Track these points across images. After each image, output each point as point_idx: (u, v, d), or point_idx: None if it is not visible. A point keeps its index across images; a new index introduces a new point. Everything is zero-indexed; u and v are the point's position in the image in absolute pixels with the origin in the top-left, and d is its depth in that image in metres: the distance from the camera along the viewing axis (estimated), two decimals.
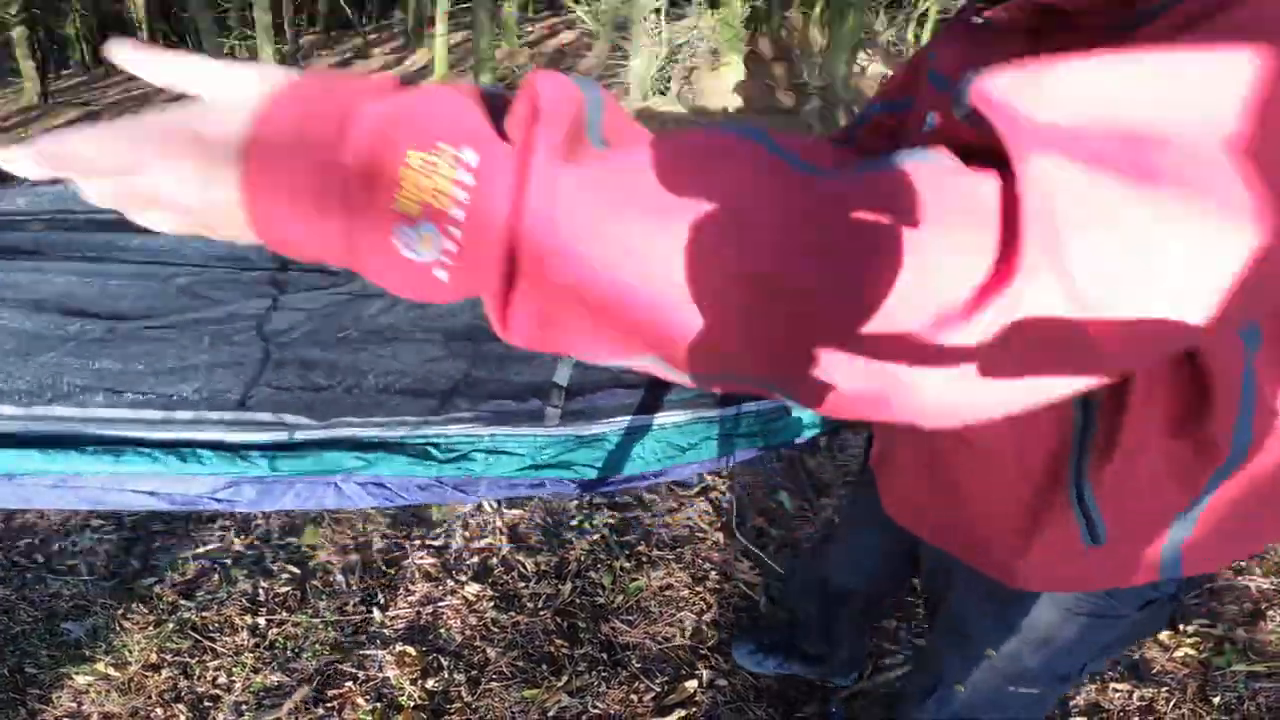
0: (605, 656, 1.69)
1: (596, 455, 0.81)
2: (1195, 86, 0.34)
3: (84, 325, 0.68)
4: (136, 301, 0.70)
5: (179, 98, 0.40)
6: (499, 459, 0.78)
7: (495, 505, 2.08)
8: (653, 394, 0.83)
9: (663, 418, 0.83)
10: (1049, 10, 0.53)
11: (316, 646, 1.70)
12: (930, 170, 0.34)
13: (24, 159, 0.39)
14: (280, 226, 0.36)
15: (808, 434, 0.93)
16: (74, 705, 1.56)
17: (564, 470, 0.80)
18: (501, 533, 2.01)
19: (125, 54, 0.40)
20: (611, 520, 2.06)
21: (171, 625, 1.73)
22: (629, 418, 0.82)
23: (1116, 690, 1.60)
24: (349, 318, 0.73)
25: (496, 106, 0.37)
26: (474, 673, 1.65)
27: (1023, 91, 0.34)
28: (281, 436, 0.73)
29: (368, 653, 1.68)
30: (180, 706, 1.56)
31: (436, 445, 0.76)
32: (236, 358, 0.70)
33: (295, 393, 0.72)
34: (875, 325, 0.32)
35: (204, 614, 1.77)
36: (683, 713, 1.56)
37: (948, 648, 0.99)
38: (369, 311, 0.74)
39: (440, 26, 10.43)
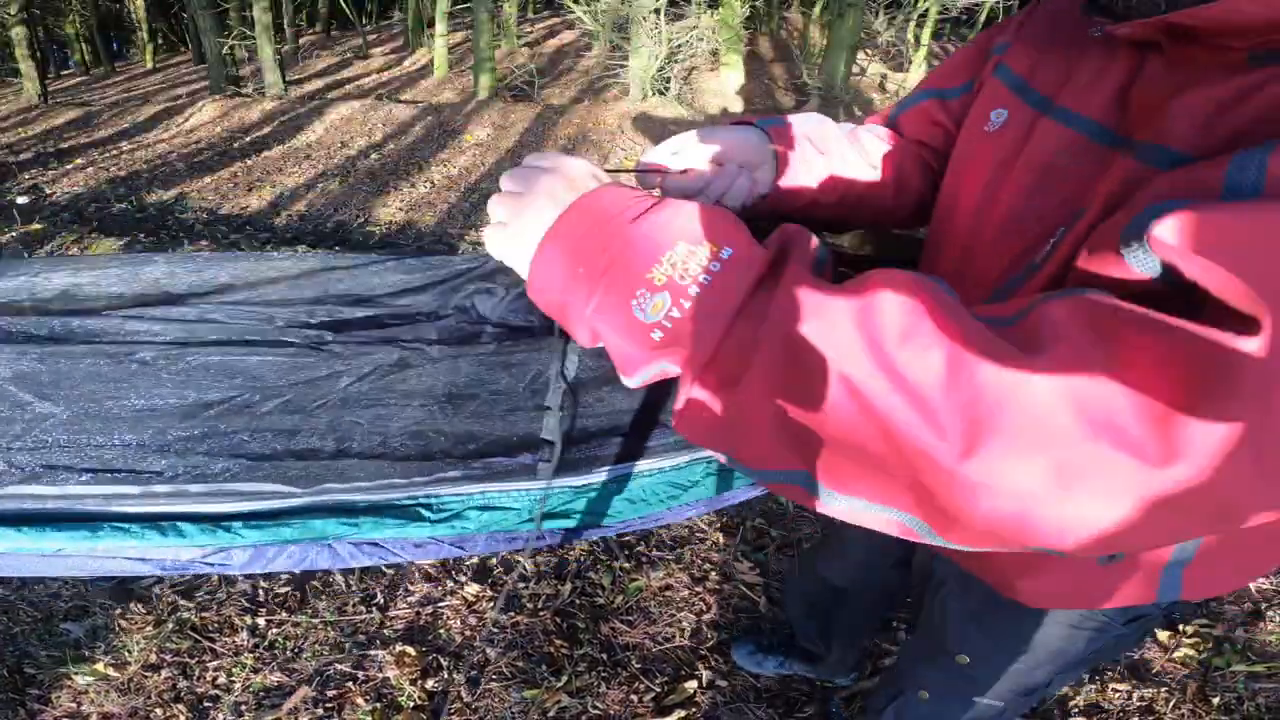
0: (605, 657, 1.69)
1: (596, 503, 0.80)
2: None
3: (50, 406, 0.67)
4: (102, 381, 0.68)
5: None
6: (494, 514, 0.76)
7: None
8: (649, 438, 0.82)
9: (661, 460, 0.82)
10: (1178, 29, 0.49)
11: (316, 647, 1.70)
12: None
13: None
14: (549, 263, 0.46)
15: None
16: (73, 705, 1.56)
17: (564, 520, 0.79)
18: None
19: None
20: None
21: (171, 625, 1.73)
22: (627, 464, 0.80)
23: (1116, 690, 1.60)
24: (323, 390, 0.72)
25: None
26: (474, 673, 1.65)
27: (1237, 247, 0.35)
28: (263, 506, 0.71)
29: (368, 653, 1.68)
30: (180, 706, 1.56)
31: (428, 506, 0.74)
32: (212, 430, 0.69)
33: (275, 462, 0.70)
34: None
35: (204, 614, 1.77)
36: (683, 713, 1.56)
37: (921, 653, 0.98)
38: (341, 384, 0.72)
39: (440, 26, 10.42)
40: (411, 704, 1.57)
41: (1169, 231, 0.37)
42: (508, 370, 0.79)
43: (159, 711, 1.55)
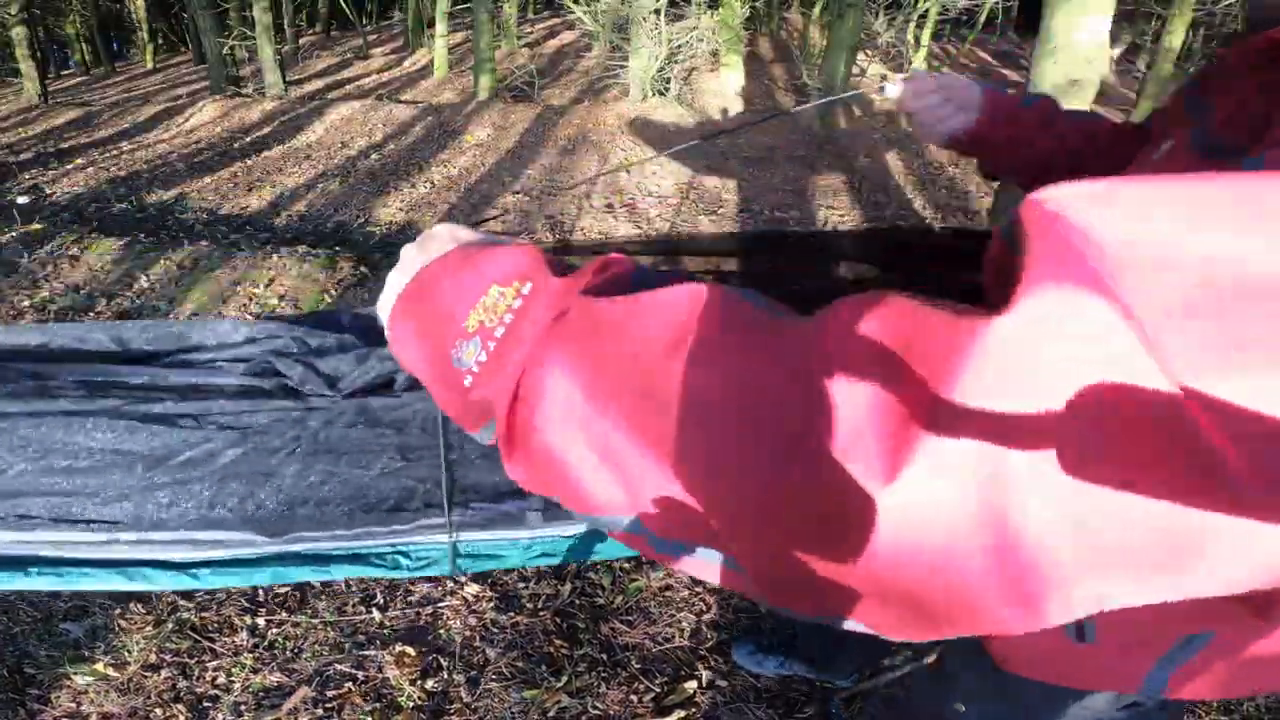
0: (605, 657, 1.69)
1: (586, 546, 0.79)
2: None
3: (13, 457, 0.66)
4: (66, 432, 0.67)
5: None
6: (479, 561, 0.75)
7: None
8: None
9: None
10: None
11: (316, 647, 1.70)
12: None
13: None
14: (398, 340, 0.47)
15: None
16: (73, 705, 1.56)
17: (550, 559, 0.78)
18: None
19: None
20: None
21: (171, 625, 1.73)
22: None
23: None
24: (293, 436, 0.69)
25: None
26: (474, 673, 1.65)
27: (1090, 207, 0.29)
28: (230, 554, 0.70)
29: (367, 653, 1.68)
30: (180, 706, 1.56)
31: (405, 554, 0.73)
32: (176, 479, 0.67)
33: (242, 512, 0.68)
34: None
35: (203, 614, 1.77)
36: (682, 713, 1.56)
37: (928, 684, 0.95)
38: (311, 430, 0.69)
39: (440, 27, 10.43)
40: (411, 704, 1.57)
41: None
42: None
43: (159, 711, 1.55)
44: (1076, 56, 2.41)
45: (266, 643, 1.71)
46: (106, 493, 0.67)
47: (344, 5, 15.51)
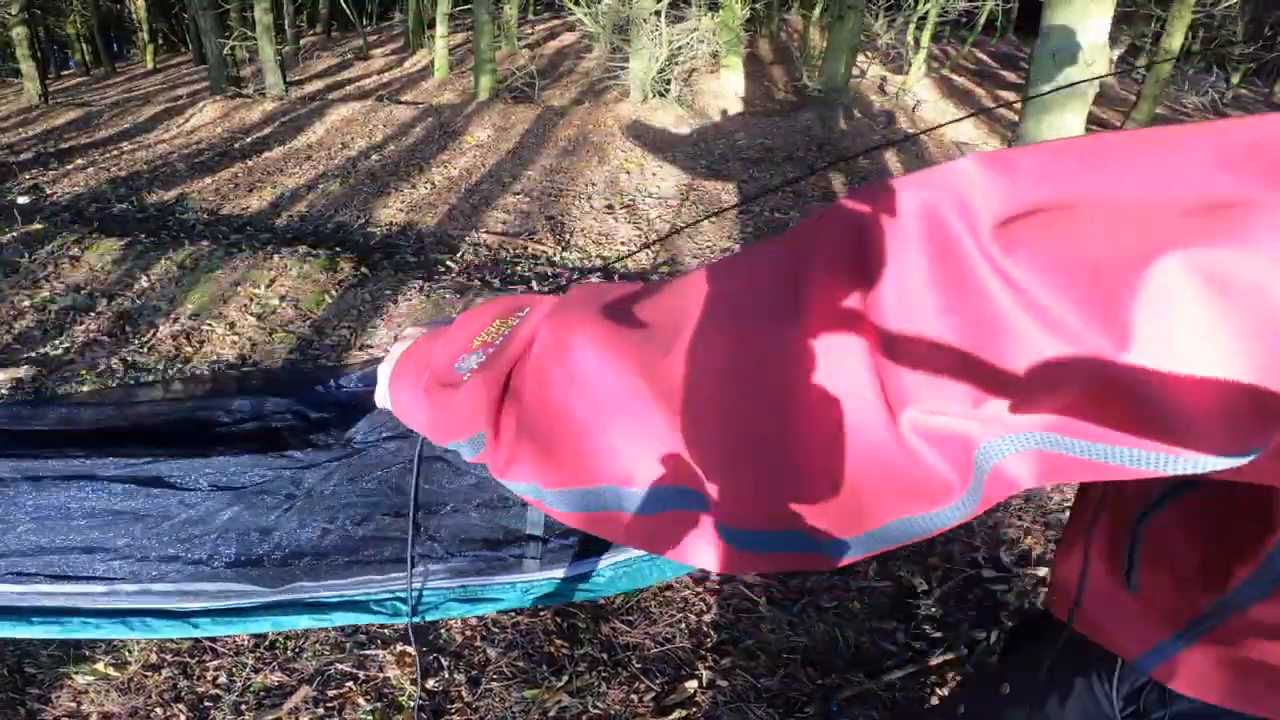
0: (605, 657, 1.69)
1: (587, 587, 0.80)
2: None
3: (14, 512, 0.68)
4: (64, 490, 0.69)
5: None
6: (479, 605, 0.77)
7: None
8: None
9: (624, 554, 0.81)
10: None
11: (317, 646, 1.70)
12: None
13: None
14: (399, 383, 0.57)
15: None
16: (74, 705, 1.56)
17: (553, 599, 0.80)
18: None
19: None
20: None
21: None
22: (616, 550, 0.79)
23: None
24: (290, 489, 0.71)
25: None
26: (474, 673, 1.65)
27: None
28: (228, 604, 0.72)
29: (368, 653, 1.68)
30: (180, 706, 1.56)
31: (404, 600, 0.74)
32: (176, 535, 0.69)
33: (241, 565, 0.70)
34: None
35: None
36: (683, 713, 1.56)
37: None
38: (308, 484, 0.71)
39: (440, 28, 10.44)
40: (412, 704, 1.57)
41: None
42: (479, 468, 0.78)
43: (159, 711, 1.55)
44: (1076, 58, 2.42)
45: (267, 642, 1.71)
46: (106, 550, 0.69)
47: (344, 6, 15.52)
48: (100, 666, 1.63)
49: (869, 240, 0.35)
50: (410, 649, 1.69)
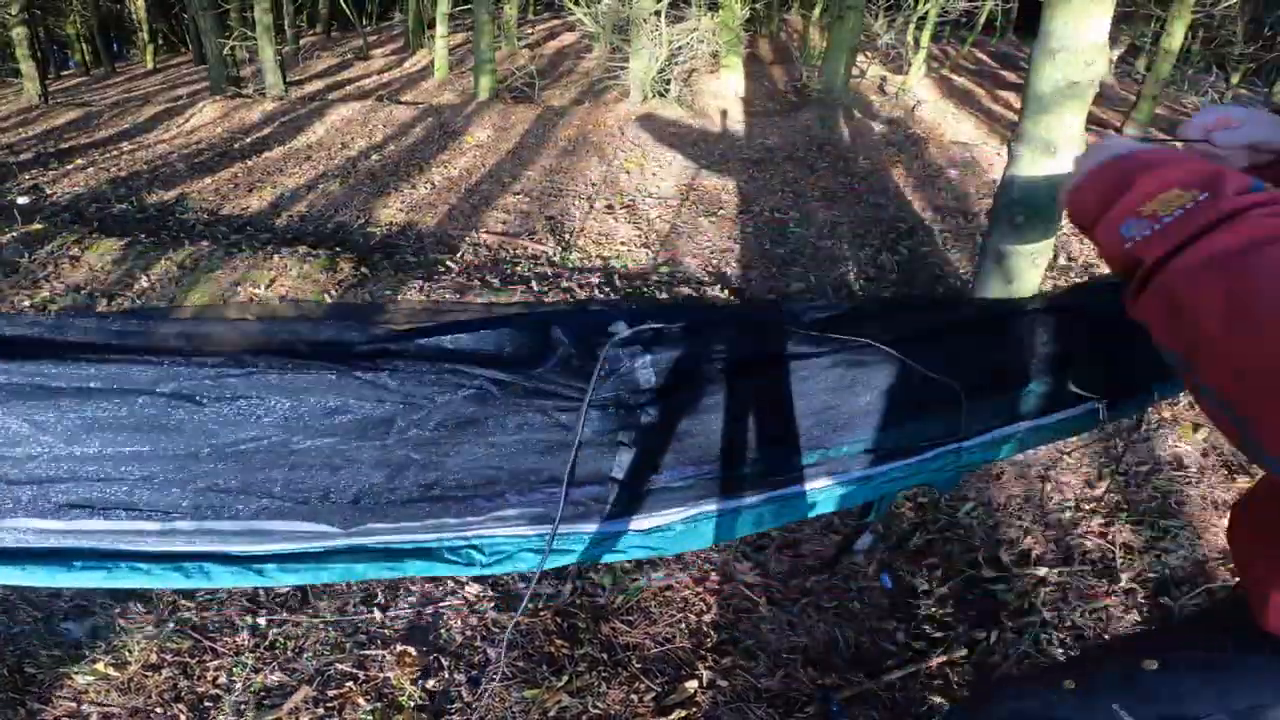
0: (605, 657, 1.69)
1: (647, 544, 0.80)
2: None
3: (59, 440, 0.59)
4: (122, 416, 0.59)
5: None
6: (552, 556, 0.75)
7: None
8: (701, 482, 0.80)
9: (688, 510, 0.80)
10: None
11: (317, 646, 1.70)
12: None
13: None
14: (1079, 196, 0.65)
15: (814, 513, 0.91)
16: (74, 705, 1.56)
17: (619, 554, 0.80)
18: None
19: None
20: None
21: (171, 625, 1.73)
22: (681, 508, 0.79)
23: None
24: (370, 424, 0.64)
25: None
26: (474, 672, 1.65)
27: None
28: (299, 547, 0.65)
29: (368, 653, 1.68)
30: (180, 706, 1.56)
31: (478, 548, 0.72)
32: (245, 465, 0.62)
33: (314, 501, 0.64)
34: None
35: (204, 614, 1.77)
36: (683, 713, 1.56)
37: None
38: (388, 416, 0.65)
39: (440, 28, 10.43)
40: (411, 704, 1.57)
41: None
42: (564, 413, 0.74)
43: (159, 711, 1.55)
44: (1076, 58, 2.41)
45: (268, 642, 1.71)
46: (167, 477, 0.60)
47: (344, 6, 15.52)
48: (100, 666, 1.63)
49: None
50: (410, 649, 1.69)
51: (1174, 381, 1.03)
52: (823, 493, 0.89)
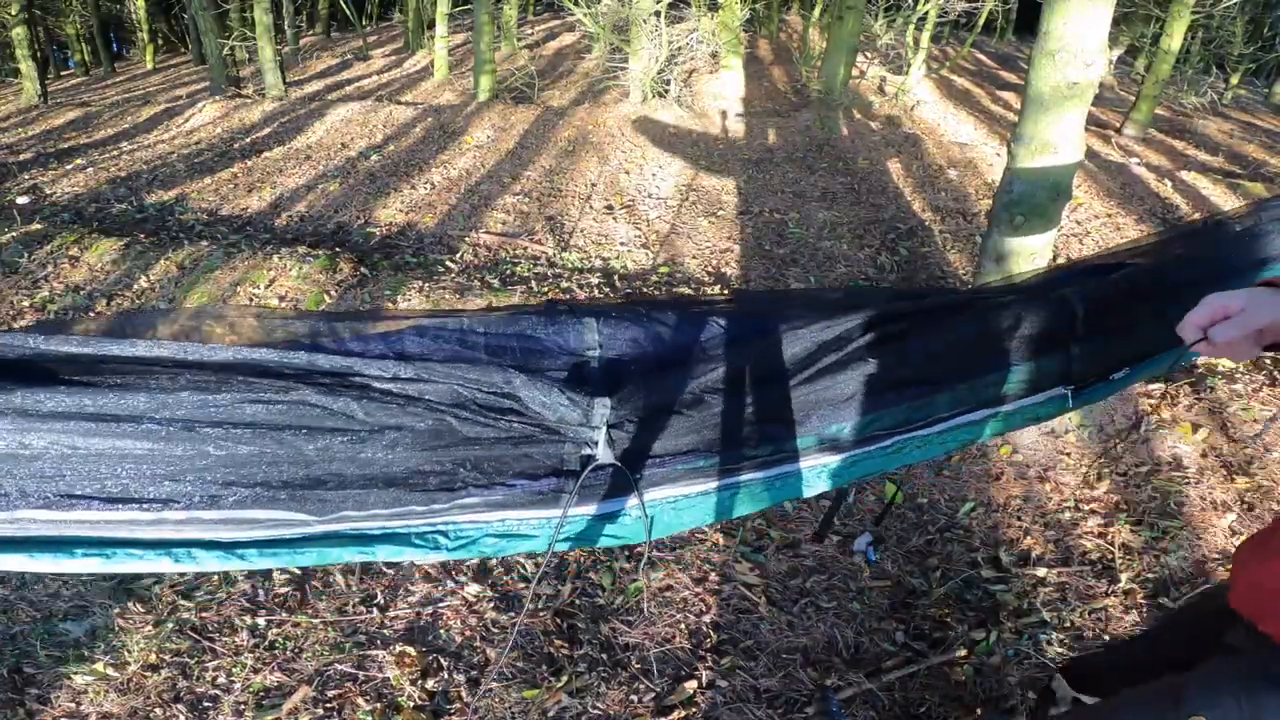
0: (605, 657, 1.69)
1: (615, 530, 0.83)
2: None
3: (62, 437, 0.66)
4: (114, 410, 0.67)
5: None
6: (512, 541, 0.79)
7: None
8: (665, 465, 0.84)
9: (672, 490, 0.84)
10: None
11: (316, 647, 1.70)
12: None
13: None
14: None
15: (808, 493, 0.94)
16: (73, 705, 1.56)
17: (581, 541, 0.83)
18: None
19: None
20: None
21: (171, 625, 1.73)
22: (650, 490, 0.83)
23: None
24: (339, 418, 0.71)
25: None
26: (474, 673, 1.65)
27: None
28: (277, 534, 0.72)
29: (368, 653, 1.68)
30: (180, 706, 1.56)
31: (444, 534, 0.76)
32: (226, 459, 0.69)
33: (291, 490, 0.71)
34: None
35: (204, 614, 1.77)
36: (683, 713, 1.56)
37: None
38: (363, 411, 0.72)
39: (440, 28, 10.43)
40: (411, 704, 1.57)
41: None
42: (525, 397, 0.80)
43: (159, 711, 1.55)
44: (1075, 58, 2.42)
45: (267, 643, 1.71)
46: (155, 472, 0.68)
47: (344, 6, 15.51)
48: (99, 667, 1.63)
49: None
50: (410, 649, 1.69)
51: (1143, 365, 1.05)
52: (809, 472, 0.92)
